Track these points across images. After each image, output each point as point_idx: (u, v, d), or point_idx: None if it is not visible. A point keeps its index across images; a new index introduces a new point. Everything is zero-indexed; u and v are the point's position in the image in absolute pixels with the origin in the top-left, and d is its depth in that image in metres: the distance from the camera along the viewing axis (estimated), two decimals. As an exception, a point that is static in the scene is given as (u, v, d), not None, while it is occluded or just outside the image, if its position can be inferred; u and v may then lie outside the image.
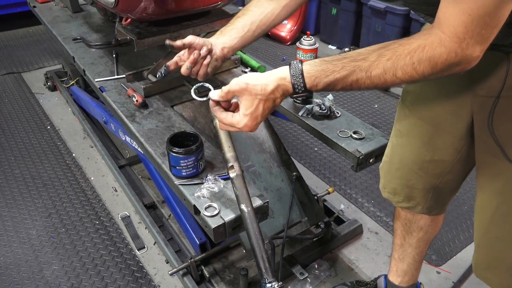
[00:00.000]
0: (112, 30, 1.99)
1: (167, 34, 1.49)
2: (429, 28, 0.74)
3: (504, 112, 0.86)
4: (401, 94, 1.14)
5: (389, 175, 1.21)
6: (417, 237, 1.31)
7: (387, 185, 1.23)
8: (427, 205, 1.18)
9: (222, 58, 1.19)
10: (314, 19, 3.68)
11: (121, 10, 1.40)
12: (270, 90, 0.84)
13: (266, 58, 3.30)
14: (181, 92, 1.61)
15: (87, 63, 1.80)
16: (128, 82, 1.64)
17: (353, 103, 2.74)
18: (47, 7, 2.45)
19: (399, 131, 1.15)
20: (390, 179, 1.21)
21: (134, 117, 1.45)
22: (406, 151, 1.13)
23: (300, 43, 1.38)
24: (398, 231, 1.34)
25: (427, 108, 1.05)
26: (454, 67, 0.73)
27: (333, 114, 1.44)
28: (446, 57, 0.72)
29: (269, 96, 0.85)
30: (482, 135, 0.93)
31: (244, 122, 0.88)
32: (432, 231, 1.31)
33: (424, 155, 1.09)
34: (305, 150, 2.31)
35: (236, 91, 0.88)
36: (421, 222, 1.27)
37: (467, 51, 0.70)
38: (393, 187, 1.21)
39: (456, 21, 0.68)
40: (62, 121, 2.56)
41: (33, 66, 3.22)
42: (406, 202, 1.20)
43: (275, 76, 0.85)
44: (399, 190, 1.19)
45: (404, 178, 1.16)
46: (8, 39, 3.69)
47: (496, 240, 0.99)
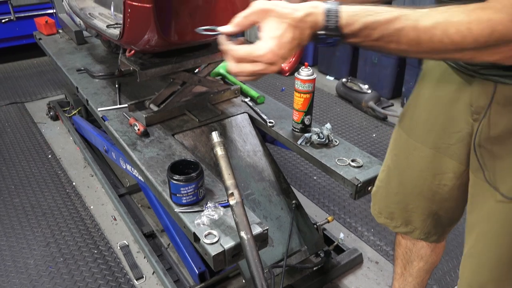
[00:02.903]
0: (115, 61, 2.05)
1: (169, 65, 1.54)
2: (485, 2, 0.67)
3: (487, 133, 0.88)
4: (399, 117, 1.14)
5: (386, 200, 1.21)
6: (418, 267, 1.29)
7: (384, 210, 1.22)
8: (425, 230, 1.17)
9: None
10: (312, 51, 3.78)
11: (126, 42, 1.45)
12: (300, 16, 0.69)
13: (265, 88, 3.36)
14: (182, 121, 1.64)
15: (90, 93, 1.84)
16: (130, 111, 1.67)
17: (351, 132, 2.77)
18: (53, 40, 2.53)
19: (396, 156, 1.15)
20: (387, 204, 1.20)
21: (136, 146, 1.47)
22: (405, 175, 1.12)
23: (298, 73, 1.42)
24: (398, 259, 1.33)
25: (426, 131, 1.03)
26: (507, 43, 0.66)
27: (331, 143, 1.47)
28: (506, 25, 0.64)
29: (298, 24, 0.69)
30: (472, 158, 0.93)
31: (269, 47, 0.69)
32: (433, 261, 1.29)
33: (424, 179, 1.08)
34: (304, 179, 2.32)
35: (259, 12, 0.70)
36: (421, 251, 1.27)
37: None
38: (390, 211, 1.20)
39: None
40: (63, 150, 2.58)
41: (36, 96, 3.27)
42: (403, 227, 1.19)
43: (307, 4, 0.71)
44: (397, 214, 1.18)
45: (403, 202, 1.15)
46: (13, 70, 3.76)
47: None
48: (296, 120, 1.52)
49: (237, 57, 0.73)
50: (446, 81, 0.97)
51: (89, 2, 1.88)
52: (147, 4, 1.23)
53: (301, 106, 1.49)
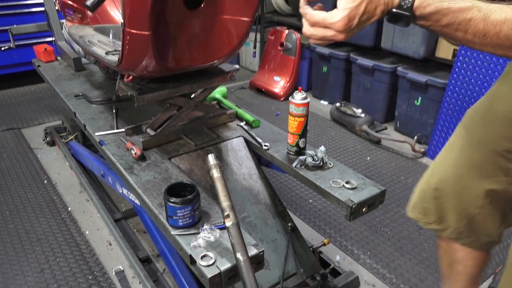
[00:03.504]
0: (113, 87, 2.08)
1: (166, 90, 1.57)
2: None
3: None
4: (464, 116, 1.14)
5: (423, 195, 1.19)
6: (457, 270, 1.27)
7: (418, 204, 1.20)
8: (458, 230, 1.14)
9: None
10: (306, 76, 3.85)
11: (124, 68, 1.49)
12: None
13: (261, 113, 3.41)
14: (178, 145, 1.66)
15: (88, 118, 1.87)
16: (127, 136, 1.70)
17: (346, 155, 2.80)
18: (51, 66, 2.57)
19: (445, 152, 1.16)
20: (423, 199, 1.19)
21: (132, 169, 1.48)
22: (450, 172, 1.11)
23: (292, 97, 1.45)
24: (441, 261, 1.32)
25: (487, 129, 1.04)
26: None
27: (325, 165, 1.49)
28: None
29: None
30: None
31: (341, 16, 0.76)
32: (471, 266, 1.25)
33: (470, 179, 1.07)
34: (300, 202, 2.33)
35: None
36: (457, 254, 1.23)
37: None
38: (425, 206, 1.18)
39: None
40: (59, 176, 2.59)
41: (33, 122, 3.29)
42: (436, 224, 1.17)
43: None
44: (432, 210, 1.16)
45: (441, 198, 1.14)
46: (10, 97, 3.80)
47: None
48: (291, 143, 1.55)
49: (312, 21, 0.80)
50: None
51: (88, 30, 1.93)
52: (145, 32, 1.27)
53: (296, 130, 1.51)
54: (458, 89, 2.52)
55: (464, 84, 2.48)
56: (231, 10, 1.44)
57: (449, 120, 2.59)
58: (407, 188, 2.45)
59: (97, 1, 1.27)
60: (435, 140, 2.71)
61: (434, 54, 2.86)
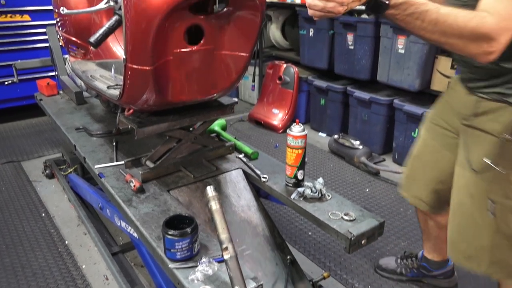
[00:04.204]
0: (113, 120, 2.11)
1: (166, 123, 1.60)
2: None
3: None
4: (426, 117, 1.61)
5: (411, 182, 1.68)
6: (430, 225, 1.76)
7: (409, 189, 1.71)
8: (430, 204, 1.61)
9: None
10: (304, 109, 3.91)
11: (125, 102, 1.52)
12: None
13: (259, 145, 3.43)
14: (177, 177, 1.67)
15: (88, 151, 1.89)
16: (127, 168, 1.71)
17: (344, 187, 2.80)
18: (53, 100, 2.61)
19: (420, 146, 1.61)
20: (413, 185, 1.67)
21: (131, 202, 1.48)
22: (425, 159, 1.59)
23: (290, 129, 1.48)
24: (420, 221, 1.82)
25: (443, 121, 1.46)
26: (487, 41, 0.98)
27: (324, 197, 1.49)
28: (491, 27, 0.97)
29: None
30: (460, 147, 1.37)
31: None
32: (441, 221, 1.68)
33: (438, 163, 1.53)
34: (299, 234, 2.31)
35: None
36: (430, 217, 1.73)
37: (499, 30, 0.98)
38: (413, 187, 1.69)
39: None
40: (57, 208, 2.57)
41: (33, 155, 3.30)
42: (418, 200, 1.64)
43: None
44: (422, 194, 1.63)
45: (422, 181, 1.61)
46: (11, 130, 3.83)
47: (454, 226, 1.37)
48: (289, 175, 1.56)
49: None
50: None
51: (91, 65, 1.98)
52: (146, 67, 1.31)
53: (294, 161, 1.53)
54: None
55: None
56: (230, 46, 1.48)
57: None
58: (406, 220, 2.44)
59: (100, 38, 1.31)
60: (433, 171, 2.71)
61: (429, 87, 2.92)
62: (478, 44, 0.99)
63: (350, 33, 3.25)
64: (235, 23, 1.44)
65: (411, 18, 1.01)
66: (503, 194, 1.21)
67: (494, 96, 1.21)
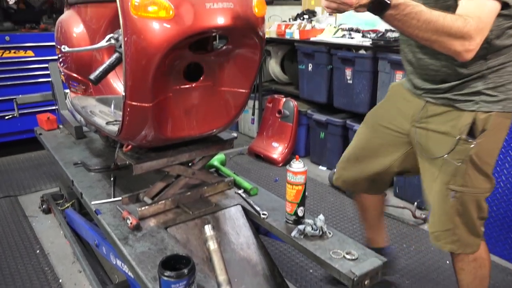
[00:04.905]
0: (112, 154, 2.10)
1: (164, 159, 1.58)
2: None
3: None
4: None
5: (346, 171, 1.86)
6: (366, 205, 1.92)
7: (341, 177, 1.88)
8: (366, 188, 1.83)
9: None
10: (304, 142, 3.91)
11: (123, 138, 1.51)
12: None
13: (259, 179, 3.41)
14: (175, 213, 1.64)
15: (85, 186, 1.86)
16: (124, 204, 1.68)
17: (345, 222, 2.75)
18: (53, 134, 2.61)
19: (357, 141, 1.81)
20: (347, 173, 1.85)
21: (127, 240, 1.45)
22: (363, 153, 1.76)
23: (290, 166, 1.46)
24: (357, 203, 1.96)
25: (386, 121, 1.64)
26: (463, 39, 1.14)
27: (325, 235, 1.46)
28: (469, 29, 1.13)
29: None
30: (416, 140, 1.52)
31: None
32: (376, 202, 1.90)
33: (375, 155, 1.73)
34: (299, 272, 2.24)
35: None
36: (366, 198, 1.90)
37: (478, 31, 1.14)
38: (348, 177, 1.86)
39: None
40: (52, 245, 2.52)
41: (30, 189, 3.27)
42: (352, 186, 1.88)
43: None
44: (357, 181, 1.82)
45: (358, 170, 1.78)
46: (10, 163, 3.81)
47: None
48: (289, 211, 1.53)
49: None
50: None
51: (91, 101, 1.99)
52: (146, 104, 1.31)
53: (294, 198, 1.50)
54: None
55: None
56: (229, 82, 1.50)
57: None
58: (410, 256, 2.38)
59: (100, 75, 1.32)
60: (436, 206, 2.67)
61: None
62: (462, 42, 1.15)
63: (349, 68, 3.30)
64: (235, 60, 1.46)
65: (407, 18, 1.13)
66: (462, 183, 1.39)
67: (443, 101, 1.39)
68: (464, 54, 1.17)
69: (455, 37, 1.14)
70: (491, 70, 1.30)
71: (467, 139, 1.33)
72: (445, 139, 1.38)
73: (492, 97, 1.31)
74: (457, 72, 1.32)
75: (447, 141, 1.37)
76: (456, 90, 1.34)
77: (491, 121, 1.32)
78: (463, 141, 1.34)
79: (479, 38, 1.15)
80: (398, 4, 1.11)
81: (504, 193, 2.28)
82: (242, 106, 1.57)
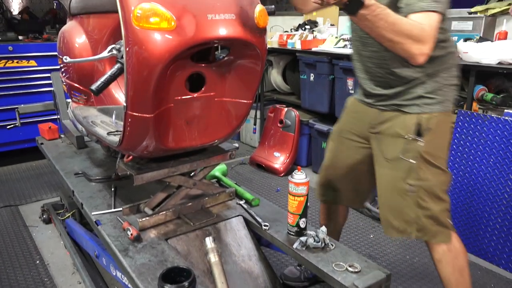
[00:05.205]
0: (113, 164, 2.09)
1: (165, 170, 1.57)
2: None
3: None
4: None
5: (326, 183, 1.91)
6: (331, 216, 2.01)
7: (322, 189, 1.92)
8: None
9: None
10: (305, 152, 3.89)
11: (124, 149, 1.50)
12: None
13: (261, 189, 3.39)
14: (176, 224, 1.62)
15: (85, 197, 1.85)
16: (124, 215, 1.67)
17: (348, 233, 2.73)
18: (54, 144, 2.61)
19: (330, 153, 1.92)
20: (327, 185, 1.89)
21: (127, 251, 1.43)
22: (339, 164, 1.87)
23: (292, 176, 1.45)
24: (324, 215, 2.01)
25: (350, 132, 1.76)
26: (418, 42, 1.29)
27: (327, 246, 1.44)
28: (421, 33, 1.28)
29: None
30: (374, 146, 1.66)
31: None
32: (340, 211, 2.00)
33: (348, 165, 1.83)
34: (302, 284, 2.21)
35: None
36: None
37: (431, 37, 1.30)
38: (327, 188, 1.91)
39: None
40: (52, 255, 2.50)
41: (31, 199, 3.26)
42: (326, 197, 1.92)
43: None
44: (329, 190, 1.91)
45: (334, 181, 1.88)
46: (11, 173, 3.80)
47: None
48: (291, 223, 1.52)
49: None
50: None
51: (92, 111, 1.99)
52: (147, 115, 1.31)
53: (296, 209, 1.49)
54: (457, 166, 2.53)
55: (464, 161, 2.50)
56: (231, 93, 1.49)
57: (452, 197, 2.56)
58: (413, 268, 2.35)
59: (102, 85, 1.32)
60: (439, 217, 2.66)
61: (431, 131, 2.92)
62: (418, 46, 1.29)
63: (350, 78, 3.30)
64: (237, 71, 1.46)
65: (376, 19, 1.24)
66: (417, 178, 1.52)
67: (392, 107, 1.55)
68: (419, 57, 1.31)
69: (414, 40, 1.28)
70: (428, 76, 1.47)
71: (416, 138, 1.49)
72: (397, 140, 1.53)
73: (432, 100, 1.49)
74: (400, 77, 1.49)
75: (399, 142, 1.53)
76: (401, 96, 1.52)
77: (434, 121, 1.49)
78: (413, 140, 1.50)
79: (431, 44, 1.30)
80: (370, 4, 1.22)
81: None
82: (244, 117, 1.57)
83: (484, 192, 2.39)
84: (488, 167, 2.37)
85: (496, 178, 2.34)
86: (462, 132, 2.51)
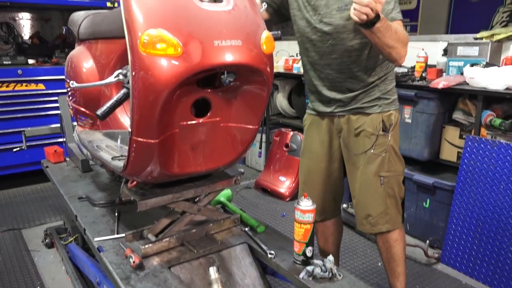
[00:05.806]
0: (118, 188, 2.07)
1: (169, 195, 1.55)
2: None
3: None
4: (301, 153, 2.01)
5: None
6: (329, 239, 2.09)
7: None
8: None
9: None
10: (311, 176, 3.85)
11: (129, 174, 1.49)
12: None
13: (266, 214, 3.35)
14: (180, 252, 1.59)
15: (88, 222, 1.83)
16: (127, 241, 1.63)
17: (355, 261, 2.66)
18: (59, 167, 2.60)
19: (306, 171, 1.99)
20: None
21: (129, 280, 1.40)
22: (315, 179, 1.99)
23: (298, 203, 1.42)
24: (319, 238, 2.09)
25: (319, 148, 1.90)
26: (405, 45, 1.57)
27: (335, 277, 1.40)
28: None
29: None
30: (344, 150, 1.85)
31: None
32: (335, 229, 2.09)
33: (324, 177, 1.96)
34: (308, 314, 2.14)
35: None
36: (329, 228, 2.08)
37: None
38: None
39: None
40: (53, 281, 2.45)
41: (34, 223, 3.23)
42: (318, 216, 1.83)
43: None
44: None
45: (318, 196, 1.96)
46: (16, 196, 3.79)
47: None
48: (297, 251, 1.48)
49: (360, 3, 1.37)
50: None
51: (97, 135, 1.98)
52: (152, 140, 1.29)
53: (302, 237, 1.45)
54: (467, 192, 2.49)
55: (473, 187, 2.45)
56: (237, 118, 1.48)
57: (461, 224, 2.50)
58: (423, 298, 2.28)
59: (107, 110, 1.31)
60: (449, 245, 2.59)
61: (439, 156, 2.88)
62: (405, 49, 1.55)
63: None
64: (243, 97, 1.45)
65: (386, 29, 1.44)
66: (387, 169, 1.74)
67: (353, 111, 1.74)
68: (403, 59, 1.57)
69: (404, 44, 1.54)
70: (380, 80, 1.71)
71: (383, 134, 1.73)
72: (369, 138, 1.73)
73: (387, 100, 1.74)
74: (360, 80, 1.70)
75: (371, 139, 1.73)
76: (361, 99, 1.72)
77: (393, 117, 1.75)
78: (381, 136, 1.73)
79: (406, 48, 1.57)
80: (383, 17, 1.41)
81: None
82: (249, 142, 1.55)
83: (495, 219, 2.33)
84: (498, 194, 2.32)
85: (506, 205, 2.28)
86: (470, 158, 2.48)
